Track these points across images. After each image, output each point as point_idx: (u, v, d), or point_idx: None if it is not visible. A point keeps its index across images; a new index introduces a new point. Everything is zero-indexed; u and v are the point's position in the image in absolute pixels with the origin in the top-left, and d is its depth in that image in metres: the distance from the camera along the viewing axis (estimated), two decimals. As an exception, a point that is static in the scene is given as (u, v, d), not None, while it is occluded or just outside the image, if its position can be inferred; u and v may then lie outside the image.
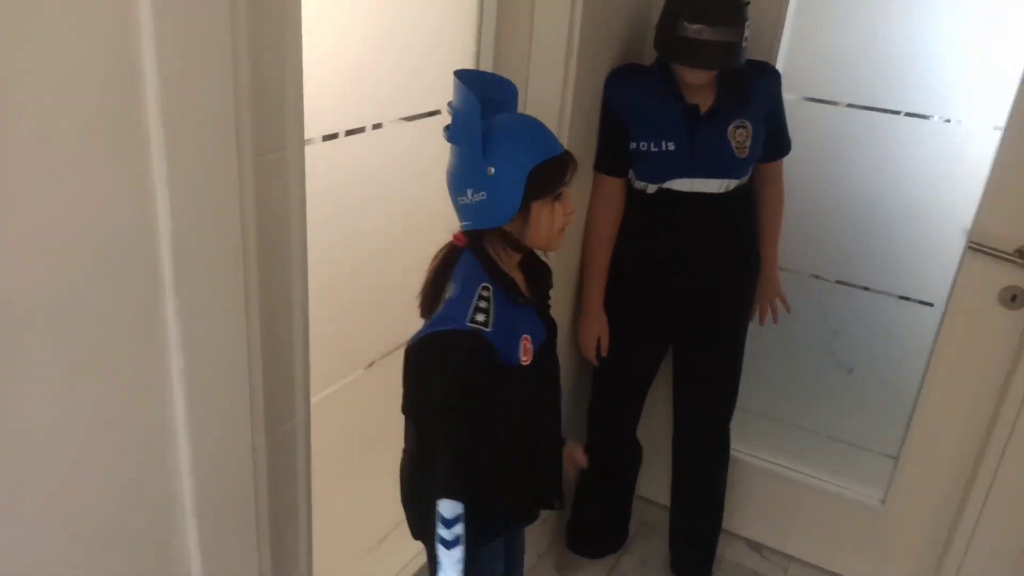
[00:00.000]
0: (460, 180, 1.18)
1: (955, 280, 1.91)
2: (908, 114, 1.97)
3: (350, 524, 1.70)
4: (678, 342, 2.02)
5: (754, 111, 1.76)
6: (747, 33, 1.63)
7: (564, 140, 1.68)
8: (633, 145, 1.78)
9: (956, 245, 1.91)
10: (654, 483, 2.33)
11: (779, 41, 1.95)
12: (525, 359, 1.21)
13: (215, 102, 0.84)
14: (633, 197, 1.87)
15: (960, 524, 1.99)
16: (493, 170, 1.13)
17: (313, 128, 1.22)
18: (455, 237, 1.23)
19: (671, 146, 1.74)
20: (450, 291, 1.18)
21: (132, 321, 0.83)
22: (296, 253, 1.09)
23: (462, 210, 1.20)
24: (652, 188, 1.81)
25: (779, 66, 1.92)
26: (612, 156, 1.84)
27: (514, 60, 1.62)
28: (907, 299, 2.11)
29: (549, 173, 1.15)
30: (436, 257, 1.24)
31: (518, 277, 1.26)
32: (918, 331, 2.09)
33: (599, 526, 2.24)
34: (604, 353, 1.97)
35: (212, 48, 0.82)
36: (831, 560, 2.27)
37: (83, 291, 0.77)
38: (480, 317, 1.14)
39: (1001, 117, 1.75)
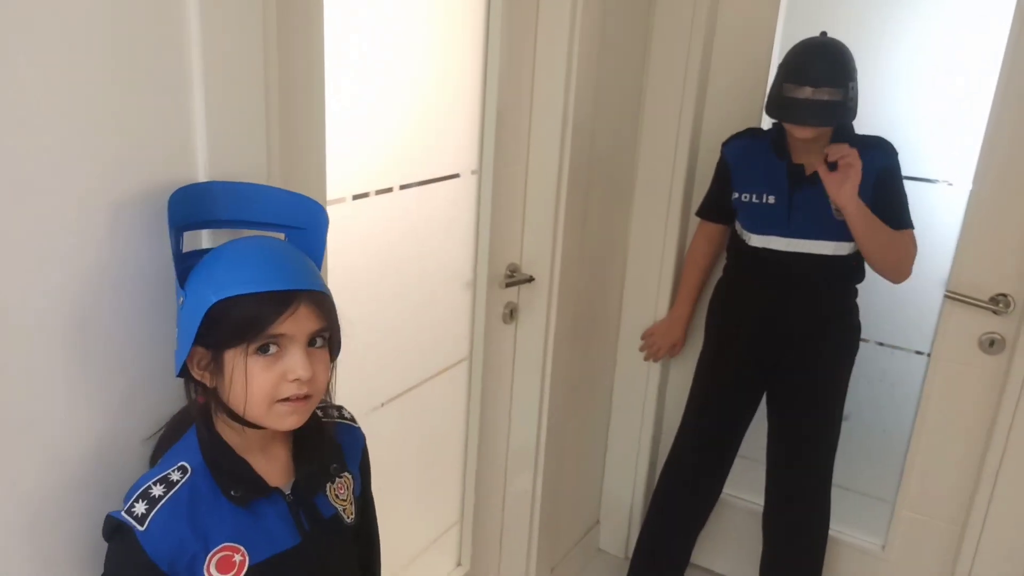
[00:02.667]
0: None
1: (937, 329, 2.02)
2: (908, 178, 1.99)
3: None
4: (770, 397, 2.08)
5: (864, 181, 1.76)
6: (852, 94, 1.77)
7: (562, 201, 1.85)
8: (736, 195, 1.95)
9: (939, 296, 2.02)
10: (704, 549, 2.40)
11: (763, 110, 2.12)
12: None
13: (253, 172, 1.01)
14: (737, 245, 2.02)
15: (958, 567, 2.04)
16: (182, 300, 0.86)
17: (345, 188, 1.38)
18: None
19: (771, 199, 1.89)
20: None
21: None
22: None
23: None
24: (753, 240, 1.95)
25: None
26: (712, 204, 2.09)
27: (518, 125, 1.80)
28: (899, 348, 2.20)
29: (244, 312, 0.82)
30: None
31: (270, 458, 0.93)
32: (910, 379, 2.19)
33: (660, 574, 2.27)
34: (674, 355, 2.31)
35: (251, 131, 1.00)
36: (836, 607, 2.31)
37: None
38: (139, 508, 0.82)
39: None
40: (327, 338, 0.90)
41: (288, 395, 0.85)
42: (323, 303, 0.88)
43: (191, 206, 0.90)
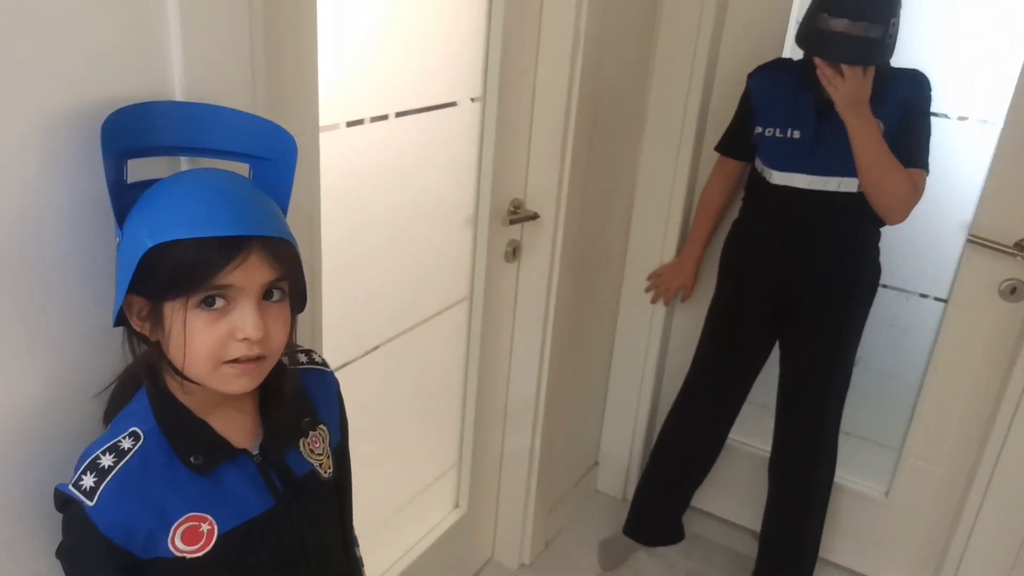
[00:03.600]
0: None
1: (956, 274, 1.94)
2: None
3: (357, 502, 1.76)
4: (783, 343, 2.01)
5: (888, 113, 1.71)
6: (892, 31, 1.64)
7: (570, 133, 1.74)
8: (759, 130, 1.84)
9: (959, 240, 1.94)
10: (705, 492, 2.35)
11: (785, 40, 2.00)
12: (191, 549, 0.78)
13: (236, 90, 0.91)
14: (757, 184, 1.92)
15: (962, 516, 2.01)
16: (119, 241, 0.77)
17: (339, 114, 1.28)
18: None
19: (796, 134, 1.79)
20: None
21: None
22: (313, 236, 1.16)
23: None
24: (774, 177, 1.84)
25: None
26: (733, 139, 1.98)
27: (524, 50, 1.68)
28: (908, 292, 2.13)
29: (183, 260, 0.72)
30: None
31: (230, 415, 0.84)
32: (922, 325, 2.12)
33: (661, 515, 2.25)
34: (685, 300, 2.22)
35: (233, 44, 0.89)
36: (835, 552, 2.29)
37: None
38: (87, 481, 0.75)
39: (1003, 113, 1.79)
40: (286, 290, 0.78)
41: (237, 356, 0.75)
42: (281, 250, 0.76)
43: (136, 129, 0.78)
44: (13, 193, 0.75)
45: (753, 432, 2.32)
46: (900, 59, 1.78)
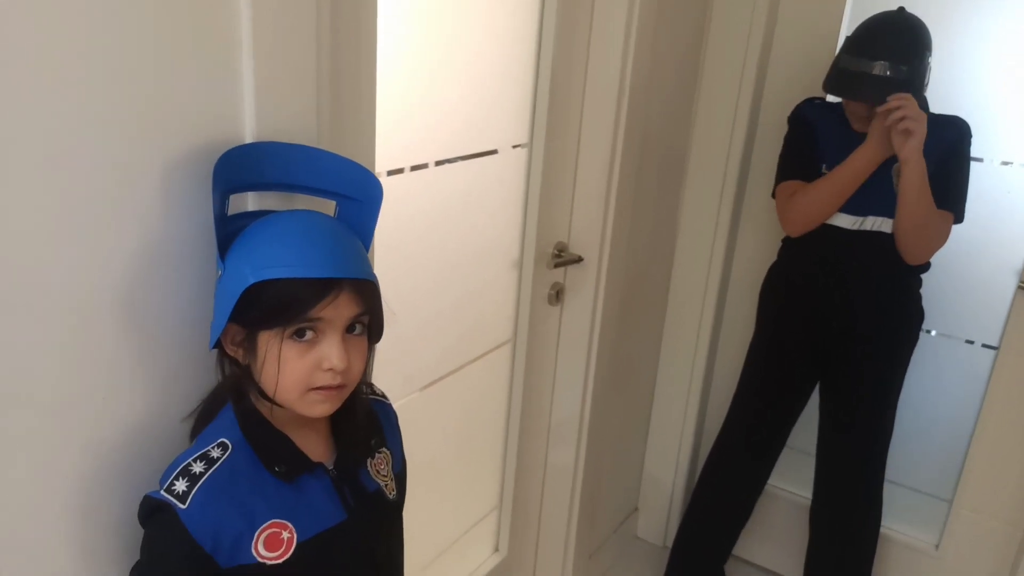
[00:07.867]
0: None
1: (1007, 320, 1.91)
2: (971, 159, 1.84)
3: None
4: (823, 386, 1.99)
5: (927, 156, 1.66)
6: (916, 72, 1.64)
7: (614, 177, 1.76)
8: (824, 168, 1.82)
9: (1010, 286, 1.91)
10: (746, 540, 2.31)
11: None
12: (272, 556, 0.81)
13: (302, 128, 0.94)
14: None
15: (1019, 571, 1.95)
16: (220, 273, 0.82)
17: (381, 163, 1.31)
18: None
19: None
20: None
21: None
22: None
23: None
24: None
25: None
26: (802, 163, 1.83)
27: (571, 96, 1.71)
28: (956, 338, 2.09)
29: (282, 296, 0.77)
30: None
31: (307, 434, 0.88)
32: (972, 372, 2.08)
33: (701, 564, 2.20)
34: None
35: (301, 92, 0.93)
36: (884, 605, 2.23)
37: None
38: (179, 486, 0.78)
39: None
40: (367, 324, 0.85)
41: (321, 384, 0.81)
42: (366, 289, 0.83)
43: (239, 168, 0.84)
44: (121, 238, 0.80)
45: (794, 479, 2.28)
46: (944, 104, 1.77)
